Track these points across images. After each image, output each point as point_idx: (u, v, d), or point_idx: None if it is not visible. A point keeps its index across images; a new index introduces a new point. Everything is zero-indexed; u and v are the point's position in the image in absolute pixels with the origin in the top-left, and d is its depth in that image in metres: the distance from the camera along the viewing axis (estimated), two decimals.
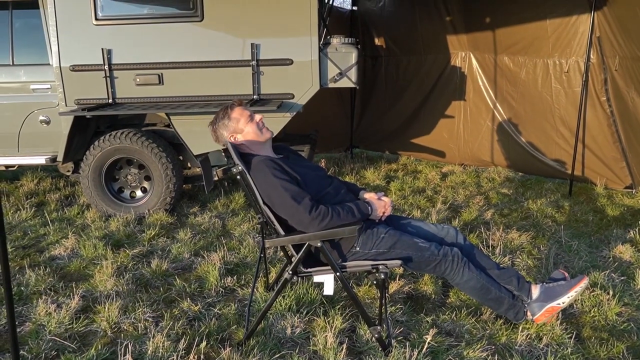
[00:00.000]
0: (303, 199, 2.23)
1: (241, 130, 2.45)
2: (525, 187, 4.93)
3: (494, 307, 2.49)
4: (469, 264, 2.37)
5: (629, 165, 4.57)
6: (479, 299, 2.48)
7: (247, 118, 2.46)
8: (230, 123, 2.45)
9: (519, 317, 2.47)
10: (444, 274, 2.38)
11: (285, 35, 3.94)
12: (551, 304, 2.42)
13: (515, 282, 2.48)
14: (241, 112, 2.47)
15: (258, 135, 2.46)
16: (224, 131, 2.47)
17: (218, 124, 2.48)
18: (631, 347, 2.37)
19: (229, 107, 2.48)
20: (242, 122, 2.45)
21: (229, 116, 2.45)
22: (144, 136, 4.12)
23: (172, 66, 4.02)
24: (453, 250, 2.38)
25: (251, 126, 2.45)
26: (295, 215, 2.25)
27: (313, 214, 2.21)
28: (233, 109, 2.47)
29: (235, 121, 2.45)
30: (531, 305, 2.45)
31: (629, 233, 3.67)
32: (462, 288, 2.45)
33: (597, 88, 4.50)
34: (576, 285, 2.43)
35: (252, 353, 2.32)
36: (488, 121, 5.47)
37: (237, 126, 2.45)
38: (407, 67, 5.93)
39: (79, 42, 4.03)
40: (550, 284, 2.49)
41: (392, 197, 4.69)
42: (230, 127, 2.45)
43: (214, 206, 4.52)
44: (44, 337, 2.47)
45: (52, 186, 5.26)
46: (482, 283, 2.38)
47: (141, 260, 3.39)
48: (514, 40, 4.98)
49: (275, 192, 2.26)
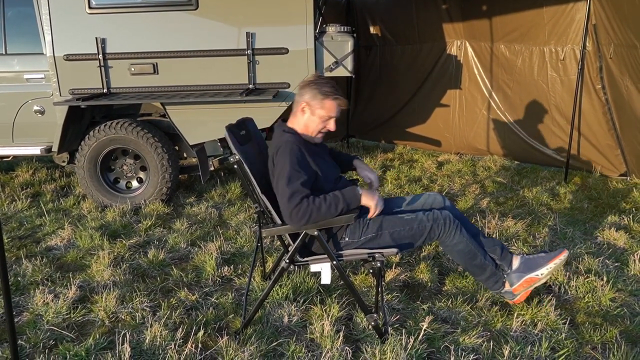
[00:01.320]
0: (295, 196, 2.17)
1: (313, 113, 2.35)
2: (521, 175, 4.95)
3: (476, 274, 2.51)
4: (460, 227, 2.38)
5: (623, 153, 4.59)
6: (464, 264, 2.49)
7: (325, 117, 2.35)
8: (317, 101, 2.32)
9: (497, 286, 2.50)
10: (438, 237, 2.37)
11: (281, 24, 3.92)
12: (530, 274, 2.44)
13: (499, 251, 2.51)
14: (333, 109, 2.34)
15: (311, 132, 2.38)
16: (308, 95, 2.33)
17: (317, 87, 2.33)
18: (624, 332, 2.40)
19: (335, 94, 2.34)
20: (320, 113, 2.34)
21: (325, 99, 2.32)
22: (139, 126, 4.10)
23: (167, 55, 3.99)
24: (443, 212, 2.38)
25: (318, 124, 2.36)
26: (283, 208, 2.22)
27: (294, 211, 2.16)
28: (335, 99, 2.33)
29: (320, 106, 2.33)
30: (510, 276, 2.48)
31: (623, 220, 3.70)
32: (450, 251, 2.44)
33: (593, 76, 4.51)
34: (555, 258, 2.45)
35: (249, 341, 2.33)
36: (484, 110, 5.48)
37: (316, 109, 2.33)
38: (403, 56, 5.91)
39: (72, 31, 3.99)
40: (530, 256, 2.52)
41: (388, 187, 4.70)
42: (314, 102, 2.33)
43: (211, 196, 4.52)
44: (41, 327, 2.48)
45: (47, 177, 5.24)
46: (470, 247, 2.40)
47: (138, 251, 3.39)
48: (511, 28, 4.97)
49: (281, 178, 2.22)
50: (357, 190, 2.26)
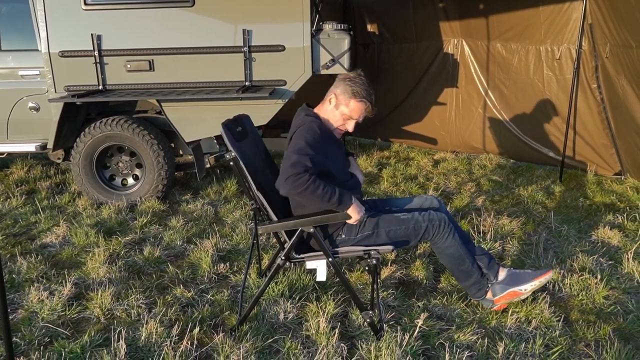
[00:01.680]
0: (298, 165, 2.13)
1: (337, 107, 2.36)
2: (517, 174, 4.96)
3: (461, 279, 2.52)
4: (454, 231, 2.39)
5: (618, 152, 4.61)
6: (451, 267, 2.50)
7: (347, 116, 2.36)
8: (346, 98, 2.34)
9: (479, 295, 2.52)
10: (431, 238, 2.39)
11: (278, 21, 3.91)
12: (514, 288, 2.47)
13: (486, 261, 2.52)
14: (357, 110, 2.36)
15: (335, 124, 2.39)
16: (340, 88, 2.35)
17: (351, 85, 2.34)
18: (617, 329, 2.42)
19: (364, 98, 2.35)
20: (343, 110, 2.35)
21: (353, 99, 2.33)
22: (135, 123, 4.09)
23: (163, 52, 3.98)
24: (439, 214, 2.39)
25: (338, 119, 2.37)
26: (283, 172, 2.16)
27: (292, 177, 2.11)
28: (361, 102, 2.34)
29: (346, 103, 2.34)
30: (494, 286, 2.50)
31: (617, 219, 3.72)
32: (440, 253, 2.46)
33: (588, 75, 4.52)
34: (541, 276, 2.48)
35: (245, 338, 2.34)
36: (480, 108, 5.49)
37: (341, 105, 2.35)
38: (400, 54, 5.91)
39: (68, 28, 3.97)
40: (517, 270, 2.54)
41: (384, 184, 4.71)
42: (342, 97, 2.34)
43: (206, 193, 4.51)
44: (36, 324, 2.48)
45: (42, 174, 5.22)
46: (460, 253, 2.42)
47: (133, 248, 3.38)
48: (507, 27, 4.98)
49: (291, 148, 2.21)
50: (351, 199, 2.24)
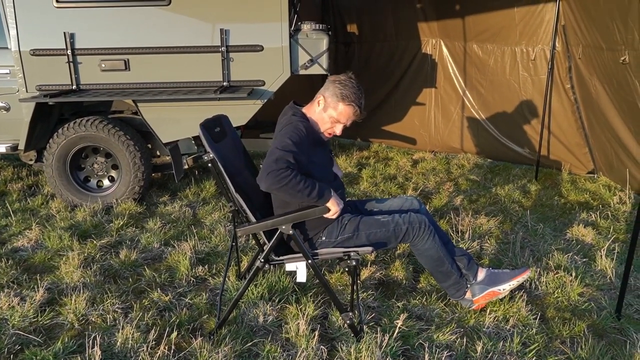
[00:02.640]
0: (281, 160, 2.11)
1: (325, 110, 2.33)
2: (494, 173, 5.03)
3: (440, 280, 2.54)
4: (434, 233, 2.41)
5: (591, 151, 4.72)
6: (430, 268, 2.52)
7: (334, 119, 2.34)
8: (335, 101, 2.30)
9: (458, 295, 2.55)
10: (411, 240, 2.39)
11: (256, 20, 3.88)
12: (492, 288, 2.50)
13: (465, 261, 2.55)
14: (344, 114, 2.33)
15: (322, 127, 2.37)
16: (330, 91, 2.32)
17: (340, 87, 2.30)
18: (591, 326, 2.47)
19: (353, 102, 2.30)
20: (331, 113, 2.32)
21: (341, 102, 2.30)
22: (110, 124, 4.01)
23: (139, 51, 3.91)
24: (419, 216, 2.39)
25: (326, 122, 2.34)
26: (265, 166, 2.13)
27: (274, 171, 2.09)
28: (349, 106, 2.30)
29: (334, 107, 2.31)
30: (474, 287, 2.53)
31: (591, 217, 3.80)
32: (420, 255, 2.47)
33: (562, 76, 4.61)
34: (519, 276, 2.52)
35: (223, 342, 2.31)
36: (458, 108, 5.55)
37: (329, 108, 2.32)
38: (380, 54, 5.94)
39: (39, 25, 3.87)
40: (496, 270, 2.58)
41: (363, 185, 4.72)
42: (330, 100, 2.31)
43: (185, 195, 4.45)
44: (6, 332, 2.40)
45: (13, 175, 5.07)
46: (439, 254, 2.43)
47: (109, 251, 3.31)
48: (483, 28, 5.04)
49: (274, 143, 2.19)
50: (331, 192, 2.24)
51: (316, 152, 2.36)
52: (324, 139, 2.45)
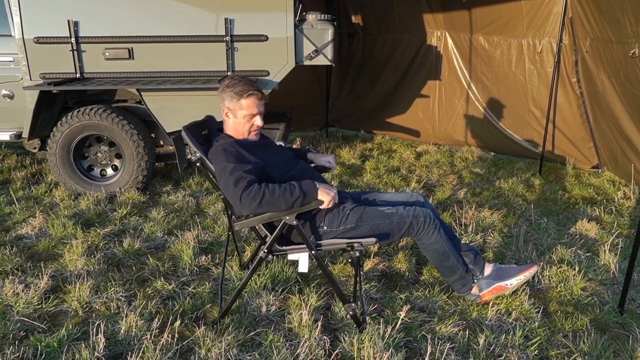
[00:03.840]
0: (241, 181, 2.15)
1: (235, 116, 2.39)
2: (497, 167, 5.02)
3: (446, 275, 2.53)
4: (439, 228, 2.39)
5: (596, 146, 4.70)
6: (436, 263, 2.51)
7: (249, 116, 2.37)
8: (235, 102, 2.36)
9: (464, 290, 2.54)
10: (415, 234, 2.38)
11: (260, 10, 3.85)
12: (500, 283, 2.50)
13: (472, 256, 2.55)
14: (251, 105, 2.36)
15: (242, 134, 2.41)
16: (226, 100, 2.37)
17: (230, 89, 2.36)
18: (594, 320, 2.47)
19: (249, 91, 2.34)
20: (241, 113, 2.37)
21: (240, 98, 2.34)
22: (114, 113, 4.00)
23: (144, 40, 3.89)
24: (424, 210, 2.38)
25: (244, 124, 2.39)
26: (231, 196, 2.18)
27: (243, 196, 2.13)
28: (250, 96, 2.35)
29: (239, 106, 2.36)
30: (481, 281, 2.53)
31: (595, 211, 3.79)
32: (425, 249, 2.45)
33: (568, 69, 4.58)
34: (526, 271, 2.52)
35: (226, 331, 2.32)
36: (462, 101, 5.52)
37: (237, 111, 2.37)
38: (384, 45, 5.90)
39: (43, 13, 3.85)
40: (503, 265, 2.58)
41: (367, 176, 4.71)
42: (232, 105, 2.37)
43: (188, 185, 4.45)
44: (11, 318, 2.42)
45: (17, 163, 5.08)
46: (445, 249, 2.42)
47: (113, 240, 3.32)
48: (489, 20, 5.00)
49: (222, 176, 2.23)
50: (315, 184, 2.23)
51: (261, 156, 2.35)
52: (257, 140, 2.46)
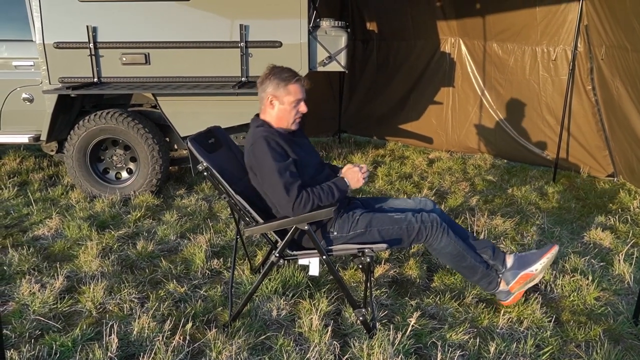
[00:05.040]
0: (292, 189, 2.20)
1: (282, 103, 2.36)
2: (510, 174, 4.99)
3: (468, 276, 2.51)
4: (448, 230, 2.39)
5: (611, 154, 4.64)
6: (454, 266, 2.50)
7: (294, 102, 2.36)
8: (281, 89, 2.34)
9: (492, 287, 2.50)
10: (425, 240, 2.38)
11: (275, 17, 3.89)
12: (525, 270, 2.46)
13: (490, 252, 2.52)
14: (298, 91, 2.37)
15: (286, 123, 2.40)
16: (271, 87, 2.35)
17: (275, 77, 2.35)
18: (607, 331, 2.44)
19: (295, 76, 2.37)
20: (288, 99, 2.35)
21: (288, 84, 2.34)
22: (130, 117, 4.07)
23: (160, 46, 3.95)
24: (431, 215, 2.39)
25: (290, 110, 2.38)
26: (281, 203, 2.24)
27: (296, 205, 2.19)
28: (297, 81, 2.36)
29: (286, 92, 2.35)
30: (505, 274, 2.49)
31: (609, 220, 3.74)
32: (439, 254, 2.45)
33: (583, 77, 4.55)
34: (547, 253, 2.48)
35: (237, 334, 2.34)
36: (476, 108, 5.50)
37: (283, 97, 2.35)
38: (398, 51, 5.91)
39: (63, 19, 3.93)
40: (522, 253, 2.55)
41: (379, 183, 4.72)
42: (278, 92, 2.35)
43: (201, 189, 4.50)
44: (28, 317, 2.46)
45: (35, 165, 5.18)
46: (458, 250, 2.40)
47: (127, 242, 3.37)
48: (503, 27, 4.99)
49: (269, 175, 2.24)
50: (345, 181, 2.34)
51: (297, 152, 2.36)
52: (295, 136, 2.46)
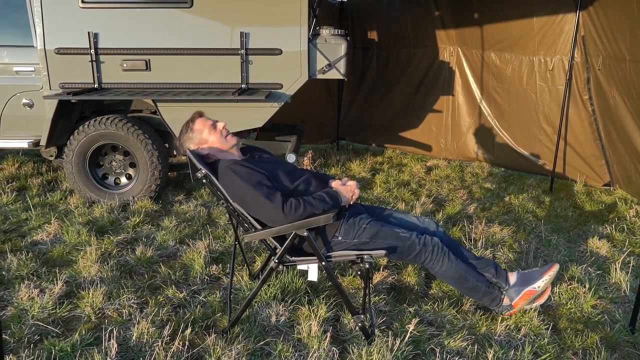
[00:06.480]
0: (275, 197, 2.26)
1: (206, 141, 2.50)
2: (508, 183, 5.01)
3: (472, 295, 2.58)
4: (449, 254, 2.44)
5: (608, 164, 4.68)
6: (457, 287, 2.58)
7: (210, 128, 2.50)
8: (194, 135, 2.50)
9: (495, 303, 2.55)
10: (425, 262, 2.44)
11: (275, 24, 3.93)
12: (528, 287, 2.51)
13: (493, 271, 2.57)
14: (203, 123, 2.51)
15: (223, 143, 2.51)
16: (190, 144, 2.51)
17: (183, 138, 2.54)
18: (604, 338, 2.45)
19: (190, 121, 2.53)
20: (206, 133, 2.49)
21: (192, 129, 2.50)
22: (129, 122, 4.08)
23: (160, 52, 3.98)
24: (434, 240, 2.44)
25: (215, 135, 2.50)
26: (270, 214, 2.28)
27: (286, 209, 2.24)
28: (194, 122, 2.52)
29: (199, 132, 2.49)
30: (509, 291, 2.54)
31: (606, 229, 3.77)
32: (442, 277, 2.52)
33: (580, 87, 4.59)
34: (549, 270, 2.54)
35: (236, 340, 2.34)
36: (474, 116, 5.54)
37: (202, 137, 2.50)
38: (397, 60, 5.96)
39: (64, 25, 3.96)
40: (525, 271, 2.61)
41: (377, 190, 4.74)
42: (195, 139, 2.50)
43: (200, 194, 4.51)
44: (26, 322, 2.46)
45: (34, 171, 5.18)
46: (460, 273, 2.46)
47: (125, 247, 3.37)
48: (501, 37, 5.04)
49: (247, 194, 2.29)
50: (335, 190, 2.41)
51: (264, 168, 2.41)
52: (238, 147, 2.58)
